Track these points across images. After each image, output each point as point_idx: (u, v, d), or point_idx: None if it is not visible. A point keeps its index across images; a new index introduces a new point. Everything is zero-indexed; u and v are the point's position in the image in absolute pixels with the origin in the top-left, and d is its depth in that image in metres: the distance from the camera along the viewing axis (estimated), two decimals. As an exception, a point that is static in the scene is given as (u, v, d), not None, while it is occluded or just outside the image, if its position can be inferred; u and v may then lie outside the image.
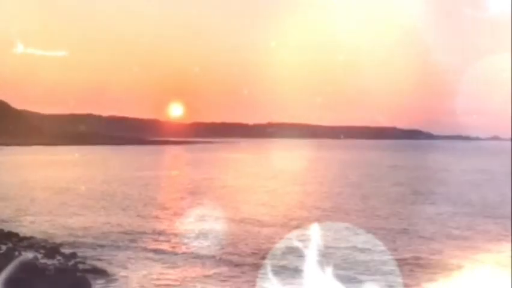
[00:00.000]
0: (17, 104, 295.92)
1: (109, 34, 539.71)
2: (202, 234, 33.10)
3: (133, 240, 31.54)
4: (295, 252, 24.76)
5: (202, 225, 36.95)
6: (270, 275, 22.78)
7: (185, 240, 31.90)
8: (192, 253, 28.71)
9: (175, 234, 33.57)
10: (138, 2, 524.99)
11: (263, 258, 26.83)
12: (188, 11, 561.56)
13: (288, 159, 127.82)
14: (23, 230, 34.52)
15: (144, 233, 34.22)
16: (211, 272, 25.14)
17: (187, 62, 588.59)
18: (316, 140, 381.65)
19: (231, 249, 29.59)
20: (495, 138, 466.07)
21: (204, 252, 28.80)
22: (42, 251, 28.38)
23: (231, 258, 27.64)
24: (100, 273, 24.33)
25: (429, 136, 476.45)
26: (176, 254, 28.72)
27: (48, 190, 58.47)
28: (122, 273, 24.68)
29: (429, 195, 55.95)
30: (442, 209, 45.33)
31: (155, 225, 37.03)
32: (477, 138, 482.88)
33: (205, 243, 30.94)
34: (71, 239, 31.96)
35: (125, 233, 34.15)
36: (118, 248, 29.89)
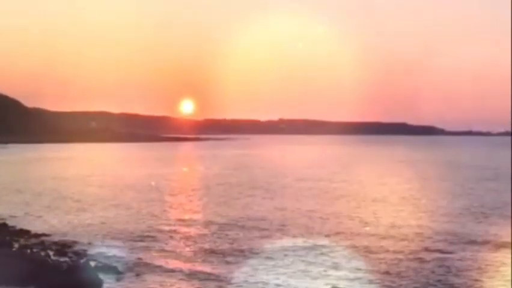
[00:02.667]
0: (28, 102, 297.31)
1: (120, 31, 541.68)
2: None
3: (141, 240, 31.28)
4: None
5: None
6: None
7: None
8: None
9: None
10: (150, 1, 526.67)
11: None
12: (198, 8, 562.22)
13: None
14: (34, 227, 34.40)
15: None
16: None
17: (197, 59, 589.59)
18: (327, 136, 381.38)
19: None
20: (507, 133, 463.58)
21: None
22: (54, 248, 28.29)
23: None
24: (112, 269, 24.14)
25: (441, 132, 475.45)
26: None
27: (60, 187, 58.51)
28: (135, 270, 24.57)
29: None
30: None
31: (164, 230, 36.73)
32: (488, 134, 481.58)
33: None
34: (81, 236, 31.81)
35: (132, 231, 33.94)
36: (127, 244, 29.77)
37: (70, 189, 56.44)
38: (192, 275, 23.78)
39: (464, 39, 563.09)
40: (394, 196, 50.40)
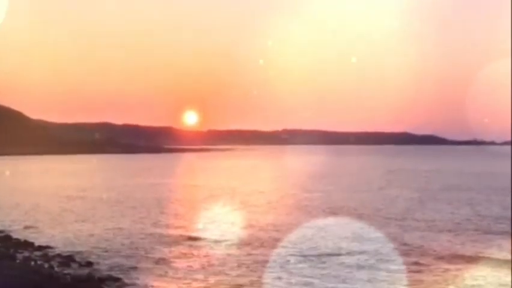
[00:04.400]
0: (31, 113, 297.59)
1: (124, 43, 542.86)
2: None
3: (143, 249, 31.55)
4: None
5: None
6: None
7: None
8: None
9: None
10: (151, 10, 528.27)
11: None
12: (202, 19, 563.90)
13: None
14: (39, 239, 34.61)
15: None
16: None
17: (201, 69, 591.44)
18: (330, 146, 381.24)
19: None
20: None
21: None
22: (58, 260, 28.49)
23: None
24: (115, 281, 24.35)
25: (443, 141, 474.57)
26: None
27: (63, 199, 58.75)
28: (138, 281, 24.74)
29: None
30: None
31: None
32: (492, 143, 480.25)
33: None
34: (84, 248, 32.03)
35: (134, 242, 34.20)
36: (128, 255, 29.99)
37: (72, 201, 56.72)
38: None
39: (464, 41, 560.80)
40: (391, 209, 50.28)
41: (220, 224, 41.06)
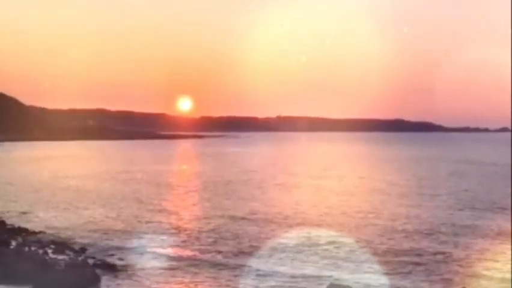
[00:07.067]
0: (25, 99, 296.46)
1: (117, 29, 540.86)
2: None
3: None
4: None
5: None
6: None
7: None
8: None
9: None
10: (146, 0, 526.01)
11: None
12: (195, 6, 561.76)
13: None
14: (32, 225, 34.45)
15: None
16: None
17: (195, 56, 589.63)
18: (325, 133, 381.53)
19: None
20: (504, 129, 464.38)
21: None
22: (52, 246, 28.36)
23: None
24: (110, 267, 24.26)
25: (440, 128, 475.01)
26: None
27: (56, 186, 58.53)
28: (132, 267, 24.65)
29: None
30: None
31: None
32: (486, 130, 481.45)
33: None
34: (79, 235, 31.90)
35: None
36: (126, 242, 29.86)
37: (67, 188, 56.55)
38: (190, 273, 23.91)
39: (463, 37, 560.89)
40: (393, 191, 50.69)
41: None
